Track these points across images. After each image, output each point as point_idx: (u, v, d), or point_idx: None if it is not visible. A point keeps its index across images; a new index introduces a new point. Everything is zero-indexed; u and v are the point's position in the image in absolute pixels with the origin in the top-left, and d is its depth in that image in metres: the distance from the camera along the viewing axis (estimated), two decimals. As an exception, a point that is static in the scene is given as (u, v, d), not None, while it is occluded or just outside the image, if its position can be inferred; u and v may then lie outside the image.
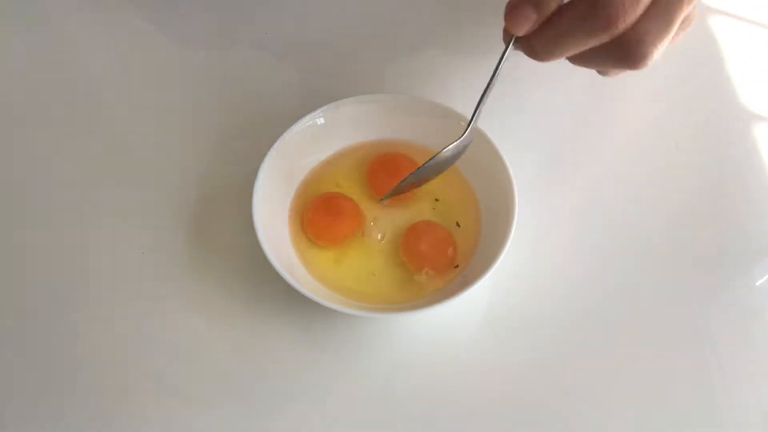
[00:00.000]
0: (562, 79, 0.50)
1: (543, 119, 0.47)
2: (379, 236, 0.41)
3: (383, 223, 0.41)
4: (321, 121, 0.41)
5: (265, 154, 0.39)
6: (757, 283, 0.41)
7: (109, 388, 0.37)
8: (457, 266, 0.39)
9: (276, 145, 0.39)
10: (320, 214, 0.40)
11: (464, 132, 0.36)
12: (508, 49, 0.35)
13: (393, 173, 0.42)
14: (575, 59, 0.34)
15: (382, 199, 0.41)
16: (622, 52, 0.31)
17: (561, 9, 0.31)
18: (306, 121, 0.40)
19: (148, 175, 0.44)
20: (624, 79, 0.50)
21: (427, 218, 0.41)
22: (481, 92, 0.35)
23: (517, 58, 0.50)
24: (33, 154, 0.45)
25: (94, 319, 0.39)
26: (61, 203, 0.43)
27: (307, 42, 0.51)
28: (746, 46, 0.52)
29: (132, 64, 0.50)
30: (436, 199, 0.42)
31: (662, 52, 0.32)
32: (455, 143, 0.36)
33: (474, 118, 0.36)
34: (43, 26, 0.52)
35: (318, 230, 0.40)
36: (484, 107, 0.36)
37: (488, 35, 0.52)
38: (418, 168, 0.37)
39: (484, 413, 0.37)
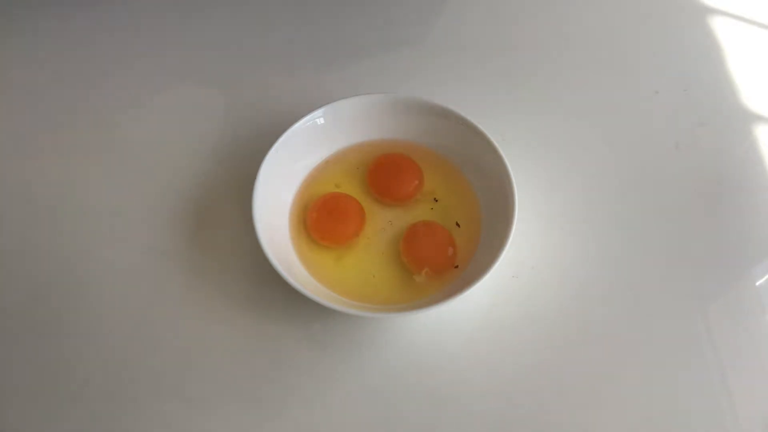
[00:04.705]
0: (562, 79, 0.50)
1: (543, 119, 0.47)
2: (379, 237, 0.41)
3: (383, 223, 0.41)
4: (321, 121, 0.41)
5: (265, 154, 0.39)
6: (757, 283, 0.41)
7: (109, 388, 0.37)
8: (457, 266, 0.39)
9: (276, 145, 0.39)
10: (325, 214, 0.40)
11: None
12: None
13: (393, 173, 0.42)
14: None
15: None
16: None
17: None
18: (306, 121, 0.40)
19: (149, 175, 0.44)
20: (624, 79, 0.50)
21: (427, 218, 0.41)
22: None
23: (516, 59, 0.51)
24: (34, 155, 0.45)
25: (93, 318, 0.39)
26: (62, 203, 0.43)
27: (307, 42, 0.51)
28: (746, 46, 0.52)
29: (133, 64, 0.50)
30: (436, 199, 0.42)
31: None
32: None
33: None
34: (41, 26, 0.52)
35: (323, 230, 0.40)
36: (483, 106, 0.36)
37: (489, 35, 0.52)
38: None
39: (484, 413, 0.37)
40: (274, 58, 0.50)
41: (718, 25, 0.53)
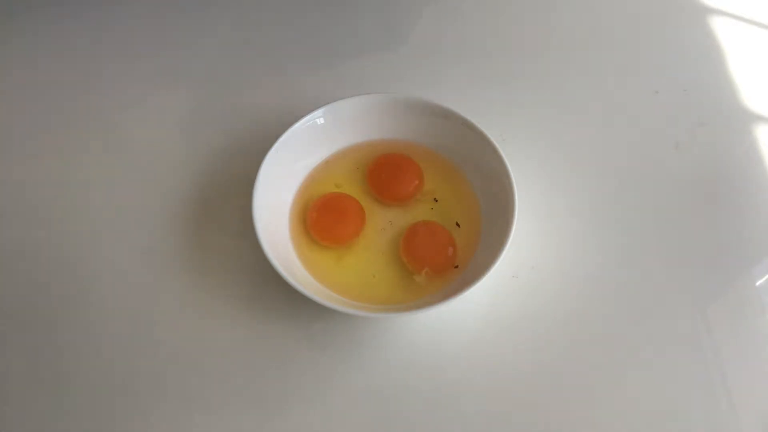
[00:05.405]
0: (562, 78, 0.50)
1: (543, 119, 0.47)
2: (379, 237, 0.41)
3: (383, 223, 0.41)
4: (321, 121, 0.41)
5: (265, 154, 0.39)
6: (757, 283, 0.41)
7: (109, 388, 0.37)
8: (457, 266, 0.39)
9: (276, 145, 0.39)
10: (325, 214, 0.40)
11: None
12: None
13: (393, 173, 0.42)
14: None
15: None
16: None
17: None
18: (306, 121, 0.40)
19: (149, 175, 0.44)
20: (624, 79, 0.50)
21: (427, 218, 0.41)
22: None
23: (517, 59, 0.51)
24: (34, 155, 0.45)
25: (94, 319, 0.39)
26: (62, 203, 0.43)
27: (307, 42, 0.51)
28: (746, 46, 0.52)
29: (133, 64, 0.50)
30: (436, 199, 0.42)
31: None
32: None
33: None
34: (42, 26, 0.52)
35: (323, 230, 0.40)
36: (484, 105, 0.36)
37: (489, 35, 0.52)
38: None
39: (484, 413, 0.37)
40: (274, 59, 0.50)
41: (718, 25, 0.53)
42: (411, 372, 0.38)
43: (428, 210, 0.42)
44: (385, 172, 0.42)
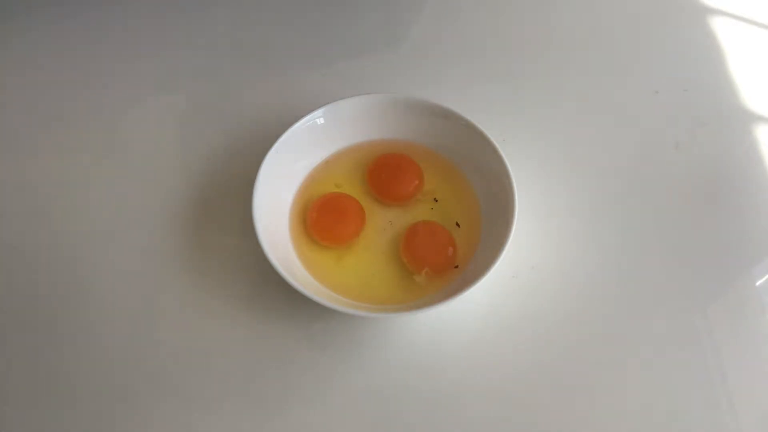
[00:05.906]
0: (562, 79, 0.50)
1: (543, 119, 0.47)
2: (379, 237, 0.41)
3: (383, 223, 0.41)
4: (321, 121, 0.41)
5: (265, 154, 0.39)
6: (757, 283, 0.41)
7: (109, 388, 0.37)
8: (457, 266, 0.39)
9: (276, 145, 0.39)
10: (325, 214, 0.40)
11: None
12: None
13: (393, 173, 0.42)
14: None
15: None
16: None
17: None
18: (306, 121, 0.40)
19: (149, 175, 0.44)
20: (624, 79, 0.50)
21: (427, 218, 0.41)
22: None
23: (517, 59, 0.51)
24: (34, 154, 0.45)
25: (93, 318, 0.39)
26: (62, 203, 0.43)
27: (307, 42, 0.51)
28: (746, 46, 0.52)
29: (133, 64, 0.50)
30: (436, 199, 0.42)
31: None
32: None
33: None
34: (42, 26, 0.52)
35: (323, 230, 0.40)
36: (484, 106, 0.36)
37: (489, 35, 0.52)
38: None
39: (484, 413, 0.37)
40: (274, 58, 0.50)
41: (718, 25, 0.53)
42: (411, 372, 0.38)
43: (428, 210, 0.42)
44: (385, 172, 0.42)
